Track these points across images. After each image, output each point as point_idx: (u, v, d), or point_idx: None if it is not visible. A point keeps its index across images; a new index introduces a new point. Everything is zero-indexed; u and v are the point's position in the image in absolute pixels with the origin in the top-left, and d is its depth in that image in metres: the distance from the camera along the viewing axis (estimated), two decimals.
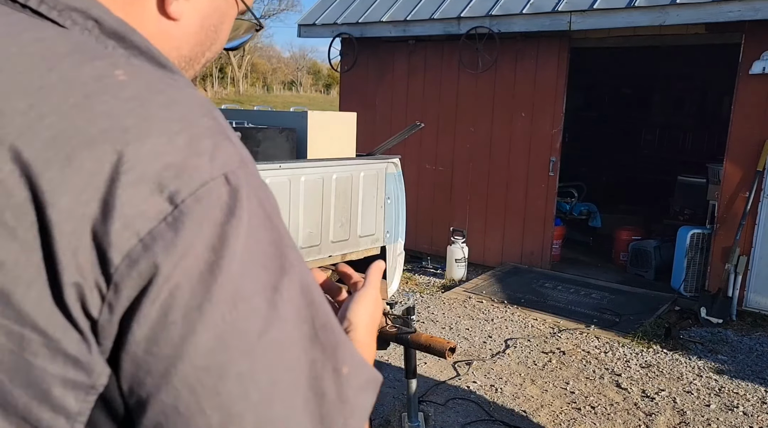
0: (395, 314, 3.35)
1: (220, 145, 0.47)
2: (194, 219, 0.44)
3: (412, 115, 6.79)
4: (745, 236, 5.12)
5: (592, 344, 4.56)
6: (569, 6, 5.57)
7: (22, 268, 0.42)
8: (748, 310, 5.16)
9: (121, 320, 0.43)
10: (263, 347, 0.46)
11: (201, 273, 0.44)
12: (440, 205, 6.84)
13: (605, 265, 6.63)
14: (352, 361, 0.52)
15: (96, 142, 0.43)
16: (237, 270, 0.45)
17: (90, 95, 0.45)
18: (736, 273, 5.11)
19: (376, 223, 4.15)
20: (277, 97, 47.22)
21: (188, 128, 0.46)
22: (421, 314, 5.17)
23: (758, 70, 4.94)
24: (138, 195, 0.43)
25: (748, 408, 3.67)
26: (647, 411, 3.61)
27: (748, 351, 4.52)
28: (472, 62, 6.33)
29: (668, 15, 5.06)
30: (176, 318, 0.43)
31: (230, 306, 0.45)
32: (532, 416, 3.54)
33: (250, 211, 0.46)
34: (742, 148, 5.12)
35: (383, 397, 3.71)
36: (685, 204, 6.57)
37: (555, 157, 6.09)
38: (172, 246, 0.43)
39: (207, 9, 0.62)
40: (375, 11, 6.84)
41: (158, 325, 0.43)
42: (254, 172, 0.49)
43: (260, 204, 0.48)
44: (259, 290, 0.46)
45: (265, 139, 3.73)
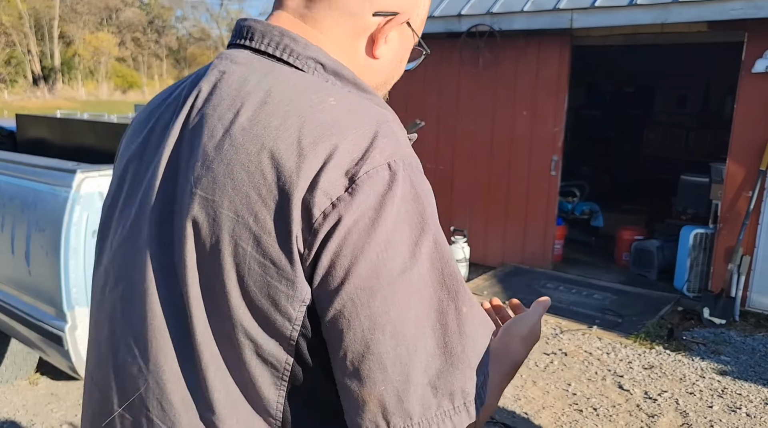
0: None
1: (389, 144, 0.71)
2: (364, 191, 0.67)
3: (412, 113, 6.74)
4: (748, 236, 5.08)
5: (594, 345, 4.52)
6: (571, 4, 5.53)
7: (267, 223, 0.68)
8: (752, 311, 5.12)
9: (314, 254, 0.67)
10: (402, 282, 0.67)
11: (365, 225, 0.66)
12: (441, 204, 6.76)
13: (607, 265, 6.59)
14: (470, 305, 0.71)
15: (315, 144, 0.68)
16: (389, 226, 0.67)
17: (314, 115, 0.71)
18: (739, 274, 5.08)
19: None
20: None
21: (370, 134, 0.71)
22: None
23: (761, 68, 4.91)
24: (333, 175, 0.67)
25: (751, 409, 3.64)
26: (650, 412, 3.58)
27: (752, 351, 4.49)
28: (473, 60, 6.29)
29: (670, 13, 5.02)
30: (347, 253, 0.66)
31: (382, 249, 0.67)
32: (533, 418, 3.50)
33: (403, 188, 0.69)
34: (746, 147, 5.08)
35: None
36: (687, 203, 6.53)
37: (557, 156, 6.05)
38: (350, 207, 0.66)
39: (398, 47, 0.87)
40: None
41: (335, 256, 0.66)
42: (412, 164, 0.73)
43: (412, 185, 0.70)
44: (404, 241, 0.68)
45: None
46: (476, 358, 0.70)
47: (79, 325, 2.64)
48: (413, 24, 0.85)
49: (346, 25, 0.81)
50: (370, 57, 0.84)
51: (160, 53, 47.26)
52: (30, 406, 3.46)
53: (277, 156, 0.69)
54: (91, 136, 3.60)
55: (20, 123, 4.18)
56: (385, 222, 0.67)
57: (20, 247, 2.81)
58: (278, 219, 0.68)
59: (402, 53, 0.88)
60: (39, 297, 2.76)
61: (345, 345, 0.67)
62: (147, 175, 0.80)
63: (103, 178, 2.68)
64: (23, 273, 2.82)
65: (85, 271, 2.65)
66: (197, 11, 55.67)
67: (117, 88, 41.20)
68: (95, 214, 2.66)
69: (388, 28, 0.82)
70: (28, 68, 38.17)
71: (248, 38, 0.80)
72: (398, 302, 0.66)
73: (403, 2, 0.83)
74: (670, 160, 8.94)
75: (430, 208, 0.72)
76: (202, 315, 0.72)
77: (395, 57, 0.87)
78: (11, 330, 3.08)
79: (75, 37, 40.87)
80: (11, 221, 2.86)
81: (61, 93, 37.21)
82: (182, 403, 0.74)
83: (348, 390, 0.68)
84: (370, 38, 0.83)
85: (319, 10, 0.80)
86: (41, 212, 2.71)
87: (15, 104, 30.26)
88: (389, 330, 0.66)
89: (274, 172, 0.68)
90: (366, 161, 0.68)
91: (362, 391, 0.67)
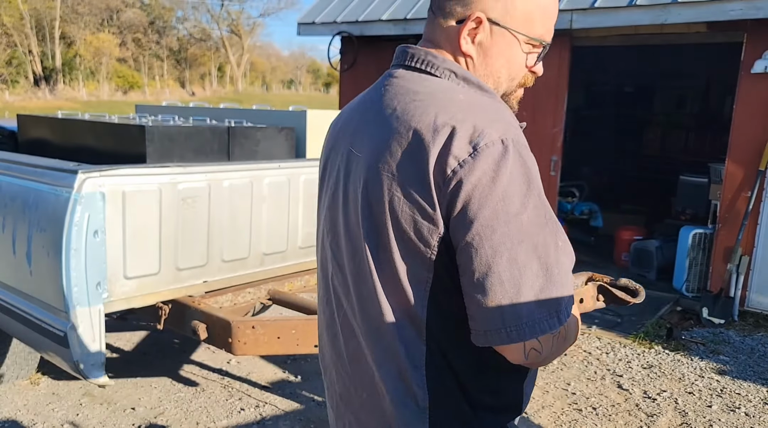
0: None
1: (501, 126, 0.97)
2: (484, 157, 0.94)
3: None
4: (747, 236, 5.09)
5: (594, 345, 4.53)
6: (570, 4, 5.54)
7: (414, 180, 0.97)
8: (750, 311, 5.13)
9: (448, 201, 0.95)
10: (516, 222, 0.93)
11: (487, 181, 0.93)
12: None
13: (607, 265, 6.59)
14: (564, 241, 0.99)
15: (445, 124, 0.97)
16: (505, 182, 0.93)
17: (446, 105, 1.00)
18: (738, 274, 5.09)
19: None
20: (276, 96, 47.13)
21: (487, 118, 0.98)
22: None
23: (760, 68, 4.92)
24: (459, 145, 0.95)
25: (750, 409, 3.64)
26: (649, 412, 3.59)
27: (750, 351, 4.50)
28: None
29: (670, 13, 5.03)
30: (474, 201, 0.93)
31: (500, 198, 0.93)
32: (533, 417, 3.51)
33: (513, 157, 0.94)
34: (745, 148, 5.09)
35: None
36: (686, 203, 6.53)
37: (556, 156, 6.06)
38: (473, 168, 0.93)
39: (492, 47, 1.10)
40: (375, 9, 6.82)
41: (466, 203, 0.93)
42: (520, 141, 0.97)
43: (520, 155, 0.95)
44: (516, 193, 0.93)
45: (264, 138, 3.71)
46: (567, 280, 0.97)
47: (80, 325, 2.66)
48: (507, 24, 1.07)
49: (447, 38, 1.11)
50: (464, 56, 1.10)
51: (161, 54, 47.25)
52: (31, 406, 3.47)
53: (419, 133, 0.98)
54: (92, 136, 3.61)
55: (21, 123, 4.19)
56: (502, 179, 0.93)
57: (21, 248, 2.82)
58: (421, 177, 0.96)
59: (503, 51, 1.09)
60: (40, 297, 2.77)
61: (473, 267, 0.94)
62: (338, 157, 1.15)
63: (104, 178, 2.69)
64: (24, 273, 2.83)
65: (87, 271, 2.66)
66: (198, 12, 55.70)
67: (118, 89, 41.18)
68: (96, 214, 2.67)
69: (465, 31, 1.08)
70: (29, 69, 38.17)
71: (404, 59, 1.13)
72: (512, 236, 0.92)
73: (473, 7, 1.07)
74: (669, 160, 8.95)
75: (534, 173, 0.97)
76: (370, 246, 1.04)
77: (496, 56, 1.10)
78: (13, 329, 3.10)
79: (76, 38, 40.86)
80: (12, 221, 2.88)
81: (62, 93, 37.22)
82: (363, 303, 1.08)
83: (473, 299, 0.95)
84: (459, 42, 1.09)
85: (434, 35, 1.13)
86: (42, 212, 2.72)
87: (16, 104, 30.28)
88: (506, 257, 0.92)
89: (417, 143, 0.98)
90: (484, 136, 0.95)
91: (485, 300, 0.94)
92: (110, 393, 3.64)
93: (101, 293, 2.72)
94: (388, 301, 1.03)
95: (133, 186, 2.80)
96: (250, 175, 3.28)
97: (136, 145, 3.22)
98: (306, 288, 3.77)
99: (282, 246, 3.51)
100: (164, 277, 2.97)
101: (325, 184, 1.20)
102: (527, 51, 1.10)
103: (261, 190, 3.34)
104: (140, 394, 3.66)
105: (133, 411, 3.47)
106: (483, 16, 1.06)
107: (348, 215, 1.09)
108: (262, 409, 3.54)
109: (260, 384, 3.84)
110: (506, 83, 1.13)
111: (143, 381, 3.82)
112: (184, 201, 2.99)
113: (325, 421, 3.43)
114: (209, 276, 3.17)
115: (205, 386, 3.80)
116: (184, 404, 3.57)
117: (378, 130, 1.05)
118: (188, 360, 4.15)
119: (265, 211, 3.38)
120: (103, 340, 2.76)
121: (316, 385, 3.86)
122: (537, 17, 1.08)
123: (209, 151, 3.46)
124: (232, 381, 3.87)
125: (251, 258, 3.36)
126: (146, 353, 4.27)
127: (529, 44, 1.10)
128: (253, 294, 3.44)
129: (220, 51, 50.07)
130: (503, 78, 1.12)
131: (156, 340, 4.48)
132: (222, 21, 48.76)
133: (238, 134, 3.58)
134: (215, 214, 3.13)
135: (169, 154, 3.27)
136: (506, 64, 1.11)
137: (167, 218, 2.94)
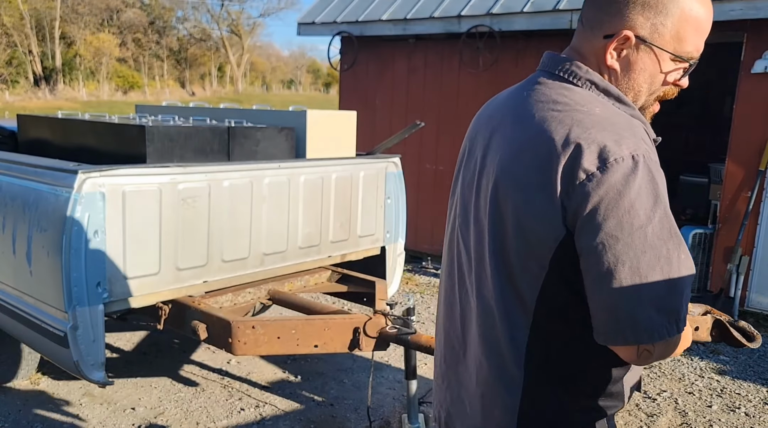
0: (395, 315, 3.32)
1: (633, 142, 1.02)
2: (613, 171, 0.99)
3: (413, 114, 6.76)
4: (747, 236, 5.09)
5: None
6: (570, 4, 5.54)
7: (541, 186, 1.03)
8: (750, 311, 5.13)
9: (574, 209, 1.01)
10: (640, 233, 0.98)
11: (614, 193, 0.98)
12: (441, 204, 6.81)
13: None
14: (686, 255, 1.02)
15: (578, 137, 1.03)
16: (633, 196, 0.98)
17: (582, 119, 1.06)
18: (738, 274, 5.09)
19: (376, 223, 4.12)
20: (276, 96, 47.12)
21: (619, 134, 1.03)
22: (421, 315, 5.15)
23: (760, 68, 4.92)
24: (589, 159, 1.00)
25: (750, 409, 3.65)
26: (649, 412, 3.59)
27: (750, 351, 4.50)
28: (473, 61, 6.30)
29: None
30: (600, 212, 0.99)
31: (626, 210, 0.98)
32: None
33: (642, 172, 1.00)
34: (745, 148, 5.09)
35: (383, 398, 3.69)
36: (686, 203, 6.54)
37: None
38: (601, 181, 0.99)
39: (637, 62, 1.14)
40: (375, 9, 6.82)
41: (592, 213, 0.99)
42: (650, 157, 1.03)
43: (649, 171, 1.01)
44: (642, 207, 0.99)
45: (264, 138, 3.71)
46: (686, 292, 1.01)
47: (80, 325, 2.66)
48: (654, 42, 1.11)
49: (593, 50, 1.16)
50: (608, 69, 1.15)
51: (161, 54, 47.25)
52: (31, 406, 3.47)
53: (552, 143, 1.04)
54: (92, 136, 3.61)
55: (21, 123, 4.19)
56: (630, 193, 0.98)
57: (21, 247, 2.82)
58: (548, 186, 1.03)
59: (647, 67, 1.14)
60: (40, 297, 2.78)
61: (595, 273, 1.00)
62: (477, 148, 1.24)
63: (104, 178, 2.69)
64: (25, 273, 2.84)
65: (86, 271, 2.66)
66: (198, 12, 55.66)
67: (118, 89, 41.16)
68: (96, 214, 2.67)
69: (612, 46, 1.12)
70: (30, 69, 38.17)
71: (550, 66, 1.19)
72: (636, 247, 0.98)
73: (622, 24, 1.11)
74: (669, 160, 8.93)
75: (662, 188, 1.02)
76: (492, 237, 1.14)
77: (639, 71, 1.14)
78: (12, 329, 3.10)
79: (76, 38, 40.85)
80: (13, 221, 2.88)
81: (62, 93, 37.20)
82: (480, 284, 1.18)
83: (595, 301, 1.03)
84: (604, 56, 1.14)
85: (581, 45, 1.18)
86: (42, 212, 2.72)
87: (16, 105, 30.27)
88: (628, 265, 0.98)
89: (548, 153, 1.04)
90: (614, 152, 1.00)
91: (606, 303, 1.01)
92: (110, 393, 3.65)
93: (101, 293, 2.72)
94: (501, 287, 1.13)
95: (133, 186, 2.80)
96: (250, 175, 3.28)
97: (136, 145, 3.22)
98: (306, 288, 3.77)
99: (282, 246, 3.51)
100: (164, 277, 2.97)
101: (463, 168, 1.30)
102: (672, 68, 1.14)
103: (261, 190, 3.34)
104: (140, 394, 3.66)
105: (133, 411, 3.47)
106: (631, 33, 1.10)
107: (478, 204, 1.19)
108: (262, 409, 3.54)
109: (260, 384, 3.85)
110: (645, 97, 1.17)
111: (143, 381, 3.83)
112: (184, 201, 3.00)
113: (326, 421, 3.44)
114: (209, 276, 3.17)
115: (205, 386, 3.80)
116: (184, 404, 3.57)
117: (515, 134, 1.13)
118: (188, 360, 4.16)
119: (265, 211, 3.38)
120: (103, 340, 2.76)
121: (316, 385, 3.86)
122: (688, 36, 1.11)
123: (209, 151, 3.46)
124: (232, 381, 3.87)
125: (251, 259, 3.36)
126: (146, 353, 4.28)
127: (675, 61, 1.13)
128: (253, 294, 3.44)
129: (220, 51, 50.08)
130: (643, 92, 1.16)
131: (156, 340, 4.48)
132: (222, 21, 48.77)
133: (238, 134, 3.58)
134: (215, 213, 3.14)
135: (169, 154, 3.27)
136: (648, 79, 1.15)
137: (167, 218, 2.94)
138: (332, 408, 3.59)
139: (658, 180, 1.02)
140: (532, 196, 1.05)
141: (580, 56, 1.17)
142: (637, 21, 1.10)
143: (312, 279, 3.81)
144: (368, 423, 3.39)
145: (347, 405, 3.62)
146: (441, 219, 6.79)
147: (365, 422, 3.41)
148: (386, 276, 4.19)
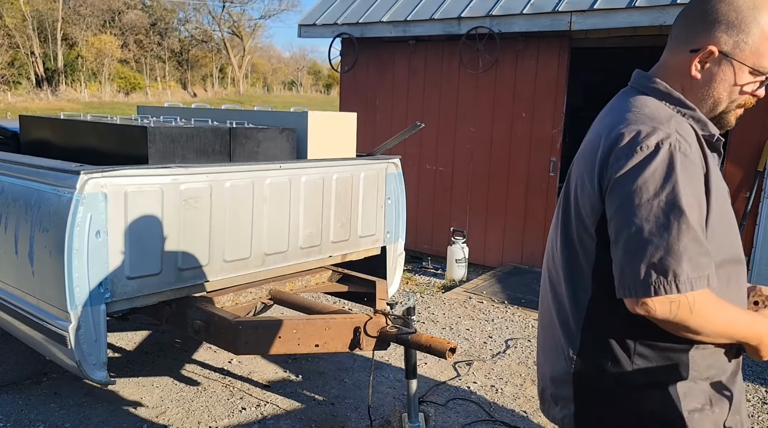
0: (395, 314, 3.33)
1: (665, 133, 1.23)
2: (637, 156, 1.22)
3: (413, 115, 6.78)
4: (745, 237, 5.10)
5: None
6: (570, 6, 5.56)
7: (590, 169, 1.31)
8: None
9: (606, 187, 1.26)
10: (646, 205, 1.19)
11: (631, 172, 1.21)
12: (440, 205, 6.83)
13: None
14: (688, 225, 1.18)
15: (617, 129, 1.27)
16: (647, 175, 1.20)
17: (628, 116, 1.30)
18: None
19: (377, 223, 4.14)
20: (277, 97, 47.13)
21: (656, 127, 1.24)
22: (421, 314, 5.16)
23: None
24: (623, 145, 1.24)
25: (749, 408, 3.65)
26: None
27: None
28: (473, 62, 6.32)
29: (668, 15, 5.05)
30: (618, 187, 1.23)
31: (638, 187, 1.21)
32: (532, 416, 3.53)
33: (661, 157, 1.21)
34: (742, 149, 5.11)
35: (383, 397, 3.71)
36: None
37: (555, 158, 6.08)
38: (627, 163, 1.22)
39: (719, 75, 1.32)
40: (375, 11, 6.84)
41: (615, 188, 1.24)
42: (679, 148, 1.22)
43: (670, 156, 1.21)
44: (654, 184, 1.19)
45: (265, 139, 3.73)
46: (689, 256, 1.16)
47: (82, 325, 2.68)
48: (735, 57, 1.29)
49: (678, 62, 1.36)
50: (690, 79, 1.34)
51: (163, 55, 47.27)
52: (33, 405, 3.49)
53: (600, 137, 1.31)
54: (94, 137, 3.63)
55: (23, 124, 4.21)
56: (644, 174, 1.20)
57: (24, 248, 2.84)
58: (592, 169, 1.29)
59: (728, 78, 1.31)
60: (42, 297, 2.79)
61: (612, 237, 1.24)
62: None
63: (106, 179, 2.71)
64: (27, 273, 2.86)
65: (89, 271, 2.68)
66: (199, 14, 55.66)
67: (120, 90, 41.18)
68: (98, 215, 2.69)
69: (697, 59, 1.31)
70: (32, 70, 38.20)
71: (631, 81, 1.44)
72: (640, 216, 1.19)
73: (708, 40, 1.30)
74: None
75: (679, 174, 1.19)
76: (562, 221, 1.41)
77: (720, 82, 1.32)
78: (15, 329, 3.12)
79: (78, 39, 40.88)
80: (15, 222, 2.90)
81: (64, 95, 37.23)
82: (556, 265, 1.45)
83: (613, 262, 1.25)
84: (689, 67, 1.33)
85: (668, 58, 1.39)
86: (45, 213, 2.74)
87: (18, 106, 30.33)
88: (632, 229, 1.19)
89: (596, 145, 1.31)
90: (643, 141, 1.22)
91: (616, 261, 1.24)
92: (112, 393, 3.66)
93: (103, 293, 2.74)
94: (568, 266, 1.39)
95: (135, 186, 2.83)
96: (251, 175, 3.30)
97: (138, 146, 3.24)
98: (307, 288, 3.79)
99: (283, 246, 3.53)
100: (166, 277, 2.99)
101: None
102: (749, 80, 1.31)
103: (262, 190, 3.36)
104: (142, 394, 3.68)
105: (135, 410, 3.49)
106: (716, 49, 1.29)
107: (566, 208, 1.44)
108: (263, 408, 3.56)
109: (261, 384, 3.86)
110: (725, 104, 1.35)
111: (145, 381, 3.84)
112: (186, 201, 3.02)
113: (326, 420, 3.45)
114: (211, 276, 3.19)
115: (207, 385, 3.82)
116: (185, 403, 3.59)
117: (590, 135, 1.40)
118: (190, 360, 4.18)
119: (267, 212, 3.40)
120: (105, 340, 2.78)
121: (317, 384, 3.88)
122: (765, 52, 1.28)
123: (211, 152, 3.48)
124: (233, 381, 3.89)
125: (253, 259, 3.38)
126: (148, 353, 4.30)
127: (753, 74, 1.30)
128: (255, 294, 3.46)
129: (221, 52, 50.10)
130: (723, 100, 1.34)
131: (158, 340, 4.50)
132: (223, 23, 48.80)
133: (239, 135, 3.60)
134: (217, 214, 3.16)
135: (170, 154, 3.29)
136: (728, 89, 1.33)
137: (169, 218, 2.96)
138: (333, 407, 3.61)
139: (677, 165, 1.19)
140: (584, 176, 1.32)
141: (665, 68, 1.39)
142: (721, 38, 1.28)
143: (313, 279, 3.83)
144: (369, 422, 3.41)
145: (348, 404, 3.64)
146: (441, 220, 6.80)
147: (366, 421, 3.43)
148: (386, 276, 4.21)
